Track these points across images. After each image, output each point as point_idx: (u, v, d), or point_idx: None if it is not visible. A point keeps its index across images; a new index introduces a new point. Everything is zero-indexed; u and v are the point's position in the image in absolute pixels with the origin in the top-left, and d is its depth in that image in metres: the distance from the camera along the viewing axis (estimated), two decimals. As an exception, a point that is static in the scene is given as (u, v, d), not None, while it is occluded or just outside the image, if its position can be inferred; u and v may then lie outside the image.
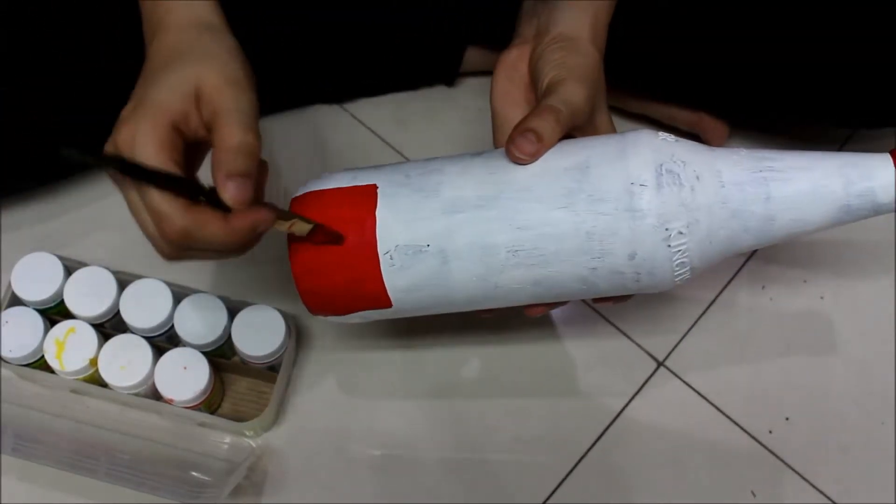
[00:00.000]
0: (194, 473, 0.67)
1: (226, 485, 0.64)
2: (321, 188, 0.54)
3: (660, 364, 0.75)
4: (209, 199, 0.46)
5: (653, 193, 0.48)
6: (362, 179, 0.53)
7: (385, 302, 0.53)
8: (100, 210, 0.77)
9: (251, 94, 0.49)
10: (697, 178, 0.49)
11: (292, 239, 0.52)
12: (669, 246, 0.49)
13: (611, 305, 0.57)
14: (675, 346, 0.75)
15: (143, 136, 0.46)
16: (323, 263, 0.52)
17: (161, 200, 0.46)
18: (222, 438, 0.68)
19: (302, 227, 0.50)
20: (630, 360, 0.75)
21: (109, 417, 0.69)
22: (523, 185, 0.50)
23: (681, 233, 0.49)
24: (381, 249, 0.51)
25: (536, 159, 0.50)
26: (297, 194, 0.54)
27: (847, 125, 0.80)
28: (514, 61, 0.58)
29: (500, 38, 0.79)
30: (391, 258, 0.51)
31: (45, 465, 0.66)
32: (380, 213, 0.51)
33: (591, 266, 0.50)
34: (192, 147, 0.49)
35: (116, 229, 0.76)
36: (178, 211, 0.46)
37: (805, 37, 0.68)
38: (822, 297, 0.77)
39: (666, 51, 0.72)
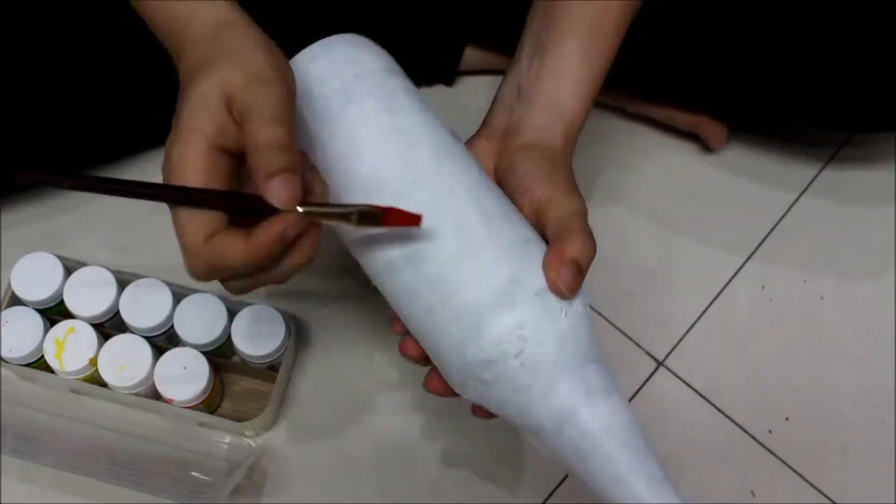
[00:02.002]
0: (194, 473, 0.67)
1: (226, 485, 0.64)
2: None
3: (660, 364, 0.75)
4: (255, 206, 0.42)
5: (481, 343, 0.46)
6: None
7: None
8: (100, 210, 0.77)
9: (279, 87, 0.44)
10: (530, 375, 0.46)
11: None
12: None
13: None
14: (675, 346, 0.75)
15: (186, 168, 0.43)
16: None
17: (183, 235, 0.43)
18: (222, 438, 0.68)
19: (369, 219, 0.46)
20: (630, 360, 0.75)
21: (109, 417, 0.68)
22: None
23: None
24: None
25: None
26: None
27: (844, 128, 0.81)
28: (480, 156, 0.54)
29: (499, 37, 0.79)
30: None
31: (45, 466, 0.66)
32: None
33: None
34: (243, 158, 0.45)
35: (116, 229, 0.76)
36: (199, 244, 0.42)
37: (804, 40, 0.68)
38: (821, 297, 0.77)
39: (666, 52, 0.72)
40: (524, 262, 0.47)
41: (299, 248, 0.45)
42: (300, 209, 0.43)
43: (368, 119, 0.50)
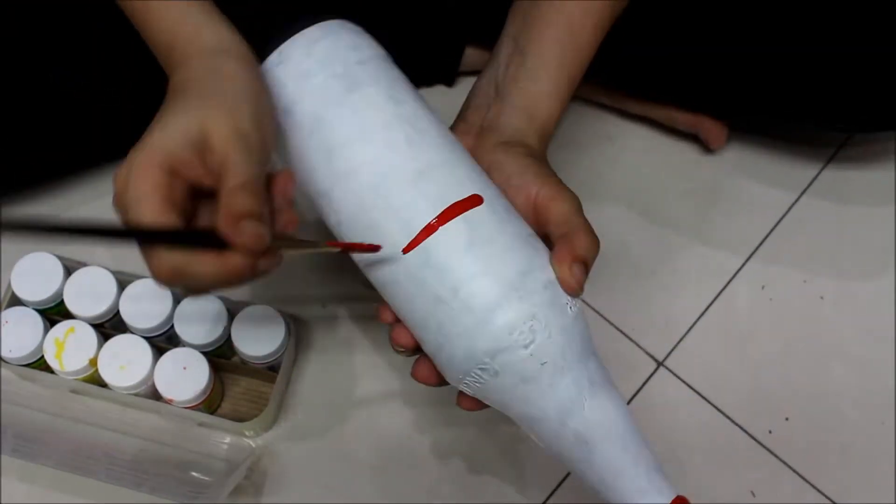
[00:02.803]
0: (194, 473, 0.67)
1: (226, 485, 0.64)
2: None
3: (660, 364, 0.75)
4: (206, 241, 0.43)
5: (501, 334, 0.47)
6: None
7: None
8: (100, 210, 0.77)
9: (259, 152, 0.46)
10: (542, 364, 0.47)
11: None
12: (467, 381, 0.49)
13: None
14: (675, 346, 0.75)
15: (137, 177, 0.44)
16: None
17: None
18: (222, 438, 0.68)
19: (330, 250, 0.48)
20: (630, 360, 0.75)
21: (109, 417, 0.68)
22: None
23: (482, 369, 0.48)
24: None
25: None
26: None
27: (844, 129, 0.81)
28: None
29: (499, 37, 0.79)
30: None
31: (45, 466, 0.66)
32: None
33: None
34: (196, 194, 0.46)
35: (116, 229, 0.76)
36: (166, 250, 0.43)
37: (804, 40, 0.68)
38: (821, 297, 0.77)
39: (666, 52, 0.72)
40: (532, 255, 0.48)
41: (260, 267, 0.45)
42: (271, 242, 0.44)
43: (375, 106, 0.50)
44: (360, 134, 0.49)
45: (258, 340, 0.67)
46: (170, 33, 0.50)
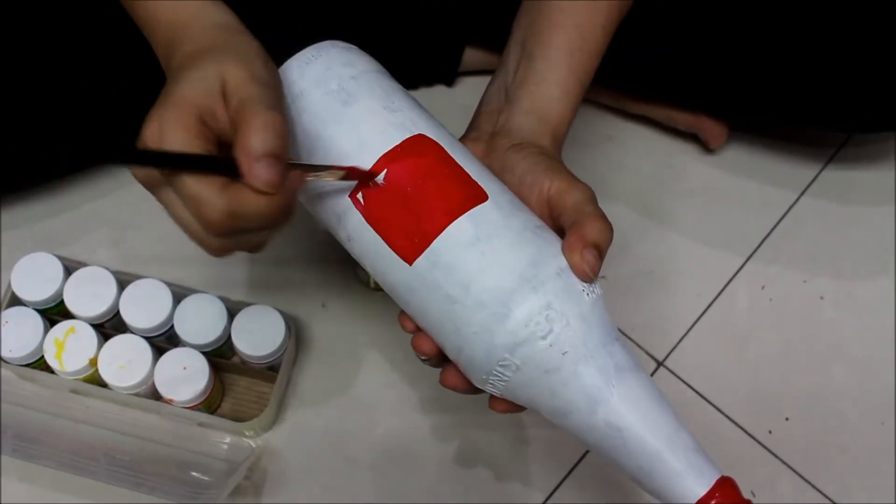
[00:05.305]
0: (194, 473, 0.67)
1: (226, 485, 0.64)
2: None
3: (660, 364, 0.75)
4: (225, 169, 0.43)
5: (516, 326, 0.46)
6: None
7: None
8: (100, 210, 0.77)
9: (277, 88, 0.46)
10: (563, 353, 0.46)
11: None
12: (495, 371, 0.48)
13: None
14: (675, 346, 0.75)
15: (170, 128, 0.43)
16: None
17: (196, 186, 0.42)
18: (222, 438, 0.68)
19: (334, 175, 0.48)
20: (630, 360, 0.75)
21: (109, 417, 0.68)
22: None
23: (503, 365, 0.47)
24: None
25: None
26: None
27: (844, 129, 0.81)
28: None
29: (499, 38, 0.79)
30: None
31: (45, 466, 0.66)
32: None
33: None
34: (223, 147, 0.46)
35: (116, 229, 0.76)
36: (215, 193, 0.42)
37: (804, 41, 0.68)
38: (821, 298, 0.77)
39: (666, 52, 0.72)
40: (542, 246, 0.48)
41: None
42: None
43: (371, 116, 0.50)
44: (358, 146, 0.49)
45: (258, 340, 0.67)
46: (172, 13, 0.49)
